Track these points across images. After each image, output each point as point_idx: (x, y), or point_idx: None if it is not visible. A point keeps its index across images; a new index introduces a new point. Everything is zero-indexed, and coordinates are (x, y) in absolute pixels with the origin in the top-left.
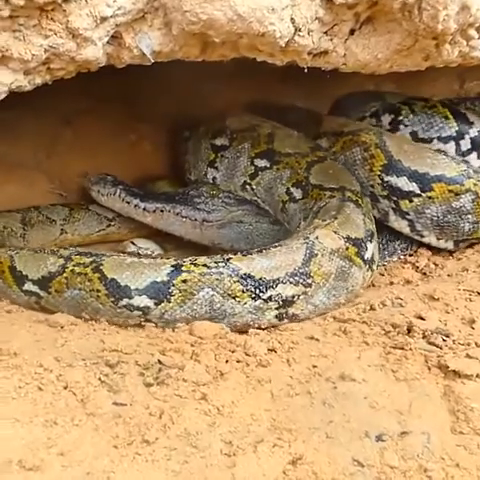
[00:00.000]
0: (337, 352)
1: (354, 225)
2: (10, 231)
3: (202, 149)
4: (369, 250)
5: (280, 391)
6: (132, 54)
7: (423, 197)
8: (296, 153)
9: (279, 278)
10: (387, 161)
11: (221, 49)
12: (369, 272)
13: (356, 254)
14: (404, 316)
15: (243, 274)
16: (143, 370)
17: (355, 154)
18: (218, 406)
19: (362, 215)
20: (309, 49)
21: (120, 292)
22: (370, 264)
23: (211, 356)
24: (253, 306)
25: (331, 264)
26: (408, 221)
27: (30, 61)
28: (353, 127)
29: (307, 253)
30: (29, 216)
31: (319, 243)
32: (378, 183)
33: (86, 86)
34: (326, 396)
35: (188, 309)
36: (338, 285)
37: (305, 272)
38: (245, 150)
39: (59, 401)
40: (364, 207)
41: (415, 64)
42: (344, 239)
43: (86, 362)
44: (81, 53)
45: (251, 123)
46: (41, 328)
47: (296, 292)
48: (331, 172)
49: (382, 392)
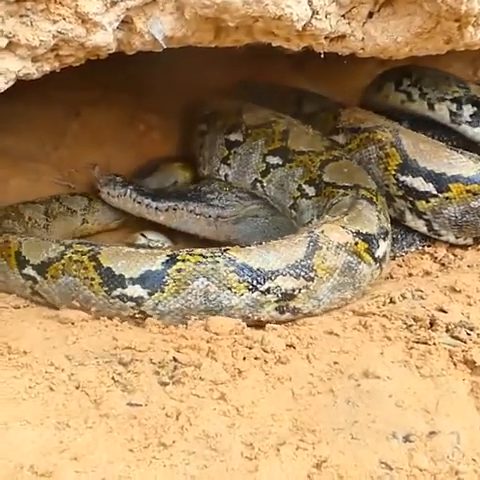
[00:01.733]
0: (359, 348)
1: (366, 221)
2: (34, 222)
3: (217, 144)
4: (381, 248)
5: (301, 389)
6: (143, 40)
7: (440, 198)
8: (310, 151)
9: (278, 270)
10: (402, 161)
11: (235, 34)
12: (378, 270)
13: (366, 250)
14: (425, 309)
15: (240, 264)
16: (158, 368)
17: (371, 152)
18: (237, 406)
19: (376, 212)
20: (326, 33)
21: (114, 281)
22: (381, 262)
23: (228, 353)
24: (250, 298)
25: (337, 259)
26: (425, 221)
27: (38, 47)
28: (370, 123)
29: (310, 246)
30: (51, 207)
31: (324, 236)
32: (393, 183)
33: (94, 77)
34: (349, 394)
35: (182, 300)
36: (344, 281)
37: (307, 265)
38: (258, 147)
39: (71, 402)
40: (379, 205)
41: (436, 48)
42: (353, 234)
43: (99, 360)
44: (91, 39)
45: (268, 119)
46: (51, 325)
47: (297, 285)
48: (346, 171)
49: (407, 390)
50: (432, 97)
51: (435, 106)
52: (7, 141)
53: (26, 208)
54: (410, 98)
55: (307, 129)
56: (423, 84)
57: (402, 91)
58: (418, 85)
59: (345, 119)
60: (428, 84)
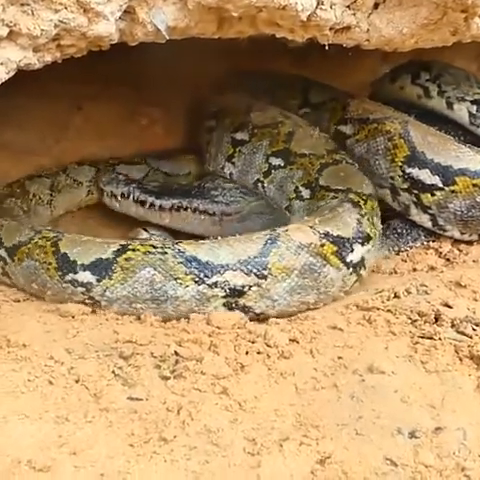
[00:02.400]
0: (363, 342)
1: (341, 223)
2: (38, 199)
3: (223, 142)
4: (356, 253)
5: (304, 384)
6: (146, 30)
7: (446, 191)
8: (311, 154)
9: (228, 264)
10: (410, 152)
11: (238, 25)
12: (352, 276)
13: (334, 253)
14: (430, 304)
15: (188, 256)
16: (159, 362)
17: (378, 143)
18: (240, 401)
19: (358, 215)
20: (331, 24)
21: (68, 266)
22: (356, 268)
23: (230, 347)
24: (196, 290)
25: (296, 259)
26: (430, 215)
27: (39, 37)
28: (379, 114)
29: (268, 243)
30: (57, 180)
31: (286, 235)
32: (399, 175)
33: (95, 70)
34: (354, 390)
35: (129, 287)
36: (304, 283)
37: (261, 262)
38: (262, 147)
39: (71, 396)
40: (365, 209)
41: (442, 39)
42: (320, 235)
43: (99, 354)
44: (92, 29)
45: (275, 119)
46: (51, 318)
47: (247, 282)
48: (342, 175)
49: (413, 385)
50: (451, 96)
51: (454, 106)
52: (7, 134)
53: (32, 184)
54: (427, 94)
55: (313, 131)
56: (443, 81)
57: (419, 85)
58: (437, 81)
59: (354, 109)
60: (448, 82)
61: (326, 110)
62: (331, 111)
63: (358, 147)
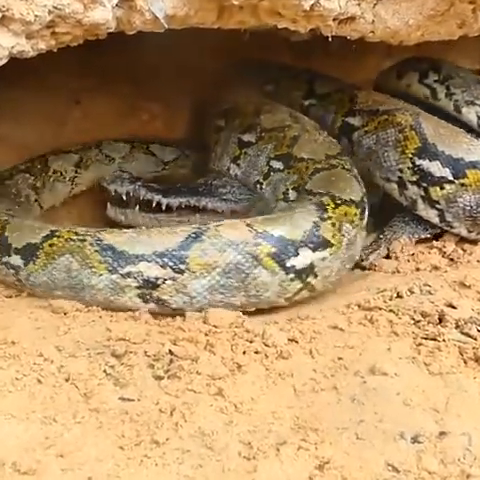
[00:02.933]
0: (364, 343)
1: (289, 224)
2: (59, 175)
3: (230, 143)
4: (303, 258)
5: (303, 386)
6: (144, 18)
7: (456, 184)
8: (309, 159)
9: (143, 255)
10: (421, 144)
11: (239, 14)
12: (295, 283)
13: (270, 255)
14: (434, 304)
15: (105, 244)
16: (153, 361)
17: (389, 135)
18: (235, 403)
19: (318, 219)
20: (335, 14)
21: (5, 249)
22: (301, 275)
23: (227, 347)
24: (110, 280)
25: (220, 256)
26: (438, 210)
27: (33, 23)
28: (389, 106)
29: (191, 237)
30: (87, 155)
31: (215, 230)
32: (408, 167)
33: (95, 64)
34: (355, 392)
35: (48, 273)
36: (229, 283)
37: (179, 256)
38: (267, 150)
39: (60, 395)
40: (333, 214)
41: (449, 32)
42: (257, 234)
43: (90, 352)
44: (88, 15)
45: (283, 123)
46: (43, 314)
47: (162, 275)
48: (333, 179)
49: (416, 388)
50: (460, 99)
51: (462, 109)
52: (4, 128)
53: (55, 160)
54: (435, 96)
55: (319, 135)
56: (452, 84)
57: (426, 85)
58: (446, 83)
59: (363, 101)
60: (458, 85)
61: (332, 102)
62: (338, 103)
63: (366, 139)
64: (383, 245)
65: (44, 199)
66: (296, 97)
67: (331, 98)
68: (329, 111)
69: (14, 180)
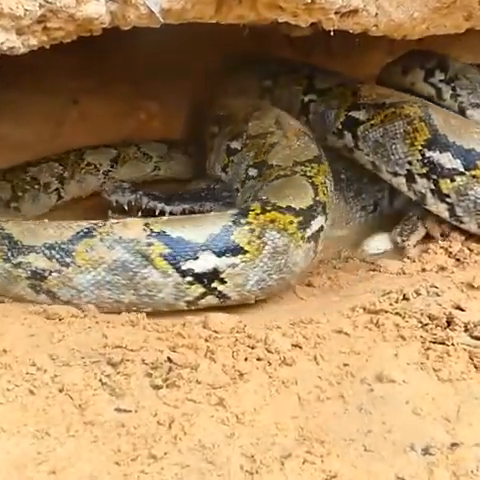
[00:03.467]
0: (371, 348)
1: (194, 227)
2: (92, 168)
3: (221, 150)
4: (203, 262)
5: (308, 394)
6: (139, 13)
7: (467, 176)
8: (277, 165)
9: (34, 246)
10: (431, 135)
11: (238, 8)
12: (196, 287)
13: (163, 256)
14: (441, 307)
15: (5, 233)
16: (151, 370)
17: (397, 127)
18: (237, 413)
19: (232, 224)
20: (337, 7)
21: None
22: (202, 279)
23: (228, 353)
24: (3, 269)
25: (108, 252)
26: (448, 204)
27: (23, 18)
28: (396, 98)
29: (82, 232)
30: (126, 152)
31: (109, 228)
32: (418, 159)
33: (93, 64)
34: (362, 401)
35: None
36: (116, 280)
37: (66, 249)
38: (248, 158)
39: (53, 407)
40: (255, 220)
41: (455, 25)
42: (153, 233)
43: (85, 361)
44: (81, 10)
45: (267, 130)
46: (37, 321)
47: (48, 267)
48: (281, 186)
49: (425, 395)
50: (465, 101)
51: (467, 112)
52: (2, 129)
53: (92, 153)
54: (440, 96)
55: (297, 141)
56: (458, 85)
57: (432, 84)
58: (452, 84)
59: (366, 94)
60: (464, 86)
61: (334, 96)
62: (340, 97)
63: (373, 132)
64: (419, 225)
65: (68, 190)
66: (296, 92)
67: (333, 92)
68: (331, 106)
69: (38, 168)
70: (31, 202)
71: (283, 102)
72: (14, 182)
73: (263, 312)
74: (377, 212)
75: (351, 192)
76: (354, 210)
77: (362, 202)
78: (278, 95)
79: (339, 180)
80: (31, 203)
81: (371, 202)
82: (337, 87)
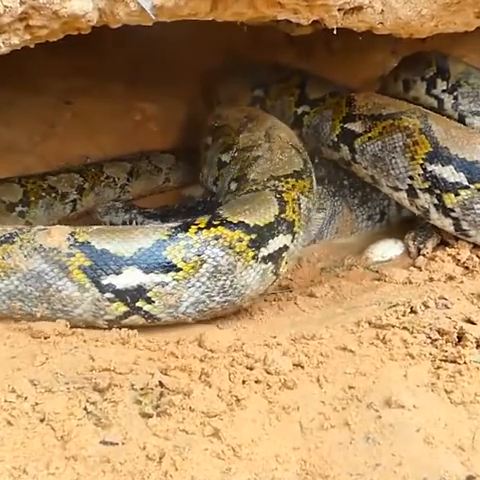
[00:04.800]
0: (378, 369)
1: (124, 239)
2: (111, 181)
3: (213, 163)
4: (125, 278)
5: (311, 422)
6: (128, 10)
7: (471, 189)
8: (252, 180)
9: None
10: (432, 148)
11: (235, 5)
12: (117, 305)
13: (82, 268)
14: (451, 320)
15: None
16: (140, 397)
17: (396, 140)
18: (234, 446)
19: (166, 238)
20: (340, 3)
21: None
22: (124, 297)
23: (225, 376)
24: None
25: (25, 261)
26: (453, 219)
27: (2, 15)
28: (393, 109)
29: (3, 237)
30: (138, 166)
31: (31, 235)
32: (419, 173)
33: (86, 64)
34: (369, 429)
35: None
36: (29, 291)
37: None
38: (234, 171)
39: (32, 440)
40: (195, 236)
41: (465, 22)
42: (77, 244)
43: (69, 386)
44: (66, 6)
45: (255, 142)
46: (21, 339)
47: None
48: (243, 201)
49: (437, 421)
50: (466, 110)
51: (466, 119)
52: None
53: (110, 166)
54: (441, 106)
55: (280, 155)
56: (460, 93)
57: (434, 96)
58: (454, 93)
59: (362, 104)
60: (466, 94)
61: (328, 106)
62: (334, 108)
63: (371, 145)
64: (434, 231)
65: (86, 201)
66: (288, 103)
67: (326, 103)
68: (325, 118)
69: (57, 177)
70: (44, 209)
71: (276, 114)
72: (28, 187)
73: (262, 326)
74: (384, 221)
75: (356, 199)
76: (360, 219)
77: (368, 211)
78: (270, 106)
79: (342, 186)
80: (44, 210)
81: (377, 211)
82: (330, 96)
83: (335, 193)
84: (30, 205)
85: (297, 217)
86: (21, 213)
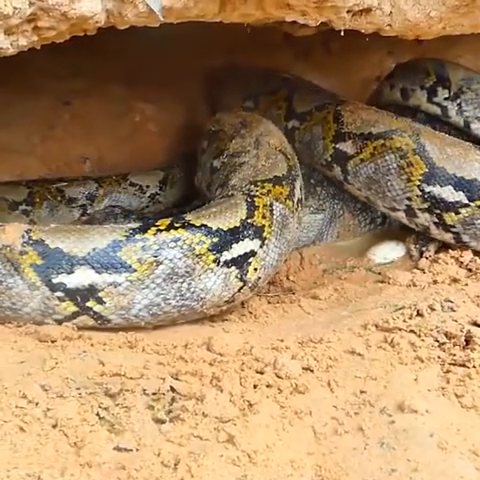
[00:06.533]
0: (388, 373)
1: (79, 237)
2: (137, 189)
3: (207, 169)
4: (76, 277)
5: (324, 427)
6: (137, 11)
7: (472, 207)
8: (232, 185)
9: None
10: (428, 169)
11: (243, 7)
12: (65, 304)
13: (34, 266)
14: (458, 323)
15: None
16: (152, 402)
17: (389, 162)
18: (249, 452)
19: (122, 238)
20: (350, 5)
21: None
22: (72, 296)
23: (235, 380)
24: None
25: None
26: (453, 234)
27: (11, 16)
28: (382, 126)
29: None
30: (172, 173)
31: None
32: (417, 195)
33: (86, 64)
34: (383, 434)
35: None
36: None
37: None
38: (221, 177)
39: (46, 446)
40: (152, 237)
41: (473, 25)
42: (31, 241)
43: (81, 392)
44: (75, 8)
45: (245, 148)
46: (28, 344)
47: None
48: (213, 207)
49: (450, 426)
50: (471, 116)
51: (471, 125)
52: None
53: (137, 175)
54: (445, 114)
55: (265, 162)
56: (464, 100)
57: (437, 104)
58: (458, 100)
59: (350, 121)
60: (470, 101)
61: (316, 122)
62: (322, 124)
63: (364, 168)
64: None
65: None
66: (277, 117)
67: (313, 117)
68: (316, 135)
69: (70, 183)
70: (49, 211)
71: None
72: (35, 189)
73: (268, 329)
74: (386, 224)
75: (358, 204)
76: (363, 224)
77: (371, 214)
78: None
79: (342, 190)
80: (48, 211)
81: (379, 214)
82: (317, 110)
83: (334, 195)
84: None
85: (267, 223)
86: (25, 211)
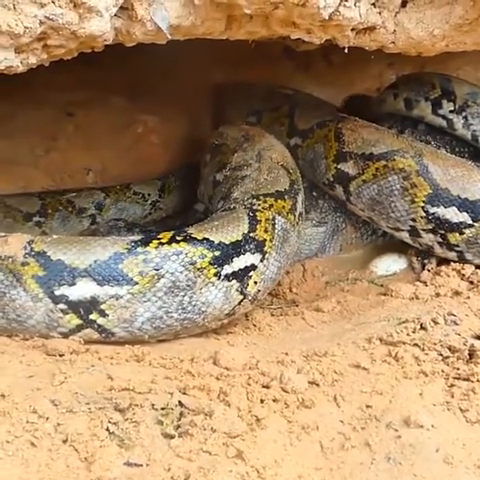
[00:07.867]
0: (394, 387)
1: (81, 250)
2: (140, 197)
3: (209, 182)
4: (78, 290)
5: (331, 442)
6: (145, 29)
7: (476, 227)
8: (234, 199)
9: None
10: (432, 190)
11: (249, 25)
12: (69, 317)
13: (36, 278)
14: (461, 336)
15: None
16: (161, 417)
17: (392, 184)
18: (258, 467)
19: (124, 251)
20: (355, 23)
21: None
22: (75, 308)
23: (243, 395)
24: None
25: None
26: (457, 252)
27: (22, 35)
28: (383, 147)
29: None
30: (168, 182)
31: None
32: (421, 216)
33: (89, 76)
34: (389, 449)
35: None
36: None
37: None
38: (223, 191)
39: (57, 461)
40: (154, 250)
41: (475, 42)
42: (32, 253)
43: (90, 406)
44: (84, 26)
45: (247, 162)
46: (36, 358)
47: None
48: (215, 220)
49: (455, 441)
50: (478, 129)
51: (479, 139)
52: None
53: (138, 184)
54: (451, 126)
55: (267, 175)
56: (470, 114)
57: (442, 116)
58: (463, 113)
59: (351, 140)
60: (477, 114)
61: (317, 140)
62: (324, 142)
63: (367, 189)
64: None
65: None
66: (280, 134)
67: (315, 135)
68: (318, 154)
69: (78, 194)
70: (60, 221)
71: None
72: (47, 200)
73: (272, 342)
74: (388, 236)
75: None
76: (365, 237)
77: (372, 227)
78: None
79: None
80: (60, 222)
81: None
82: (318, 127)
83: (336, 208)
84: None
85: (269, 237)
86: (38, 223)
